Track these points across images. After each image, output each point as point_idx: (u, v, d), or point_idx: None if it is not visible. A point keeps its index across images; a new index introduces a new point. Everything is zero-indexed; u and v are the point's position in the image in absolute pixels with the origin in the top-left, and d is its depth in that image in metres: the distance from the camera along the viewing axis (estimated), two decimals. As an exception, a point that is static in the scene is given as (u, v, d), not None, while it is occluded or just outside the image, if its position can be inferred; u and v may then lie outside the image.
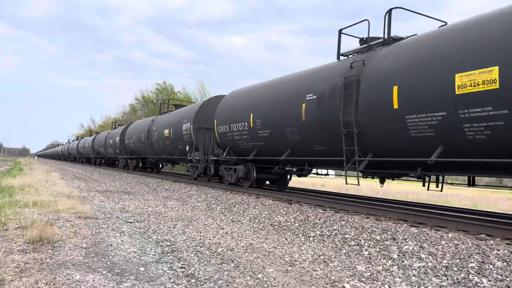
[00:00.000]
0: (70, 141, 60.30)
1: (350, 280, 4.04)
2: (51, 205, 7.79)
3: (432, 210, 8.55)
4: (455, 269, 4.26)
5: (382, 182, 8.40)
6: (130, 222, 6.79)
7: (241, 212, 8.45)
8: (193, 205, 9.76)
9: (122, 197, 10.73)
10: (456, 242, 4.96)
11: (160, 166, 24.27)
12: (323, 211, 7.50)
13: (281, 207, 8.17)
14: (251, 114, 10.75)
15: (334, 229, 6.25)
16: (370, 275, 4.27)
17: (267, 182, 13.18)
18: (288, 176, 12.36)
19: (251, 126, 10.74)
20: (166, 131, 17.48)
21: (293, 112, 9.10)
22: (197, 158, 14.32)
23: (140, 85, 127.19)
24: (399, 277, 4.22)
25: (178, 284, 3.64)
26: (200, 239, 5.67)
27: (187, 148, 15.38)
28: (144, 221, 6.97)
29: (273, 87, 10.44)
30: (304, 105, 8.73)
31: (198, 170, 14.49)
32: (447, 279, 4.06)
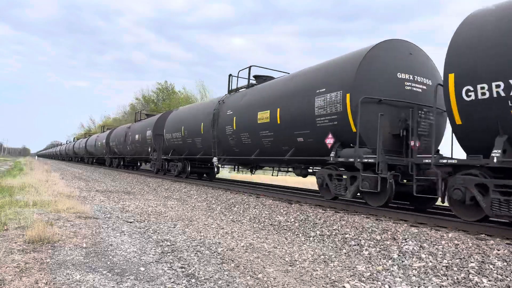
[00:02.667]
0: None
1: (350, 280, 4.04)
2: (51, 205, 7.79)
3: (432, 210, 8.54)
4: (455, 269, 4.26)
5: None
6: (130, 222, 6.79)
7: (241, 212, 8.45)
8: (193, 205, 9.76)
9: (122, 197, 10.74)
10: (456, 242, 4.96)
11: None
12: (323, 211, 7.50)
13: (281, 207, 8.17)
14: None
15: (334, 229, 6.26)
16: (370, 275, 4.27)
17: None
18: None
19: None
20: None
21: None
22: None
23: (140, 85, 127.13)
24: (399, 277, 4.22)
25: (178, 284, 3.64)
26: (200, 239, 5.67)
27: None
28: (144, 221, 6.97)
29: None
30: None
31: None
32: (447, 279, 4.06)
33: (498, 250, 4.56)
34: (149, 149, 19.48)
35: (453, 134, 6.22)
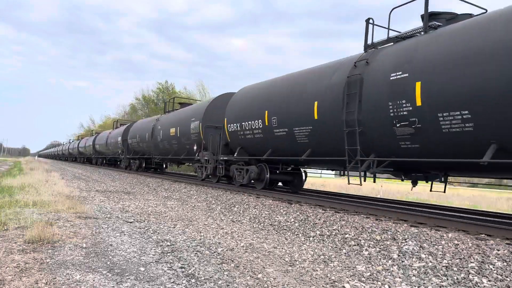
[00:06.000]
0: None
1: (350, 280, 4.04)
2: (51, 205, 7.79)
3: (432, 210, 8.55)
4: (455, 269, 4.26)
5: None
6: (130, 222, 6.79)
7: (241, 212, 8.45)
8: (193, 205, 9.76)
9: (122, 197, 10.73)
10: (456, 242, 4.96)
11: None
12: (323, 211, 7.50)
13: (281, 207, 8.17)
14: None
15: (334, 229, 6.25)
16: (370, 275, 4.27)
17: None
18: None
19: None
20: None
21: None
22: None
23: (141, 85, 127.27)
24: (399, 277, 4.21)
25: (178, 284, 3.64)
26: (200, 239, 5.67)
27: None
28: (144, 221, 6.97)
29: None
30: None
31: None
32: (447, 279, 4.06)
33: (498, 250, 4.56)
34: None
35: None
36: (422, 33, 7.02)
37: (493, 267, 4.17)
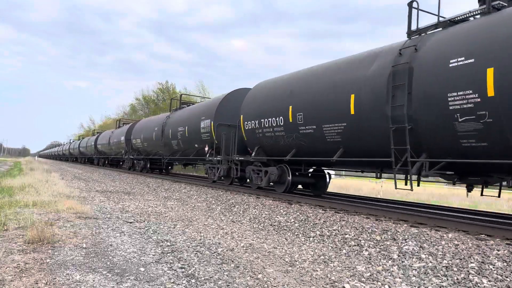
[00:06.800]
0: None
1: (350, 280, 4.04)
2: (51, 205, 7.79)
3: (432, 210, 8.55)
4: (455, 269, 4.26)
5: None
6: (130, 222, 6.79)
7: (241, 212, 8.45)
8: (193, 205, 9.76)
9: (122, 197, 10.73)
10: (456, 242, 4.96)
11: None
12: (323, 211, 7.50)
13: (281, 207, 8.17)
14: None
15: (334, 229, 6.25)
16: (370, 275, 4.27)
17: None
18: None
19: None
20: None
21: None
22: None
23: (141, 86, 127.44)
24: (399, 277, 4.21)
25: (178, 284, 3.64)
26: (200, 239, 5.67)
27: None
28: (144, 221, 6.97)
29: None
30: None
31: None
32: (447, 279, 4.06)
33: (498, 251, 4.56)
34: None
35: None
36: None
37: (493, 267, 4.17)
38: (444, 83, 5.93)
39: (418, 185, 7.78)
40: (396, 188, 6.79)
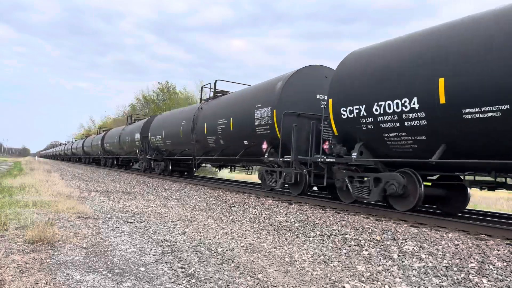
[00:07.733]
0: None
1: (350, 280, 4.04)
2: (51, 205, 7.79)
3: (432, 210, 8.54)
4: (455, 269, 4.26)
5: None
6: (130, 222, 6.80)
7: (241, 212, 8.45)
8: (193, 205, 9.76)
9: (122, 197, 10.74)
10: (456, 242, 4.96)
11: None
12: (323, 211, 7.50)
13: (281, 207, 8.17)
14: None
15: (334, 229, 6.26)
16: (370, 275, 4.27)
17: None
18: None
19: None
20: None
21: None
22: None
23: (141, 86, 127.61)
24: (399, 277, 4.22)
25: (178, 284, 3.64)
26: (200, 239, 5.67)
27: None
28: (144, 221, 6.97)
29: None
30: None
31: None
32: (447, 279, 4.06)
33: (498, 250, 4.56)
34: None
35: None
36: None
37: (493, 267, 4.17)
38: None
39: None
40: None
